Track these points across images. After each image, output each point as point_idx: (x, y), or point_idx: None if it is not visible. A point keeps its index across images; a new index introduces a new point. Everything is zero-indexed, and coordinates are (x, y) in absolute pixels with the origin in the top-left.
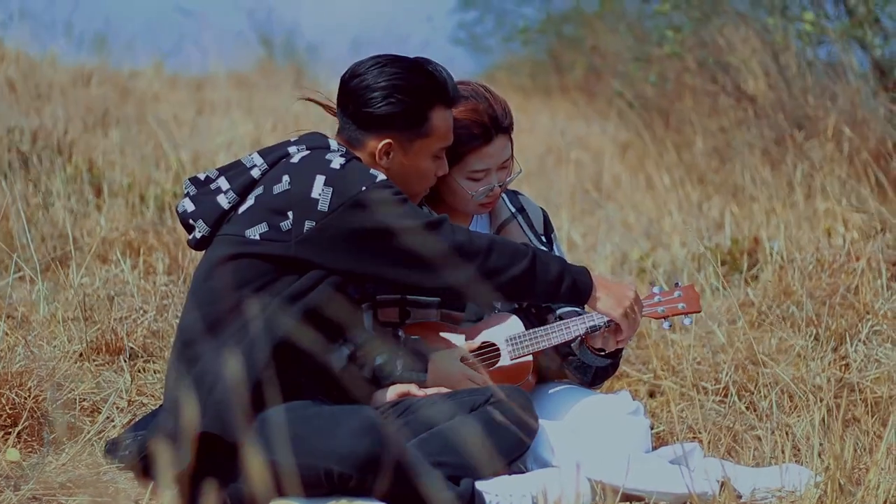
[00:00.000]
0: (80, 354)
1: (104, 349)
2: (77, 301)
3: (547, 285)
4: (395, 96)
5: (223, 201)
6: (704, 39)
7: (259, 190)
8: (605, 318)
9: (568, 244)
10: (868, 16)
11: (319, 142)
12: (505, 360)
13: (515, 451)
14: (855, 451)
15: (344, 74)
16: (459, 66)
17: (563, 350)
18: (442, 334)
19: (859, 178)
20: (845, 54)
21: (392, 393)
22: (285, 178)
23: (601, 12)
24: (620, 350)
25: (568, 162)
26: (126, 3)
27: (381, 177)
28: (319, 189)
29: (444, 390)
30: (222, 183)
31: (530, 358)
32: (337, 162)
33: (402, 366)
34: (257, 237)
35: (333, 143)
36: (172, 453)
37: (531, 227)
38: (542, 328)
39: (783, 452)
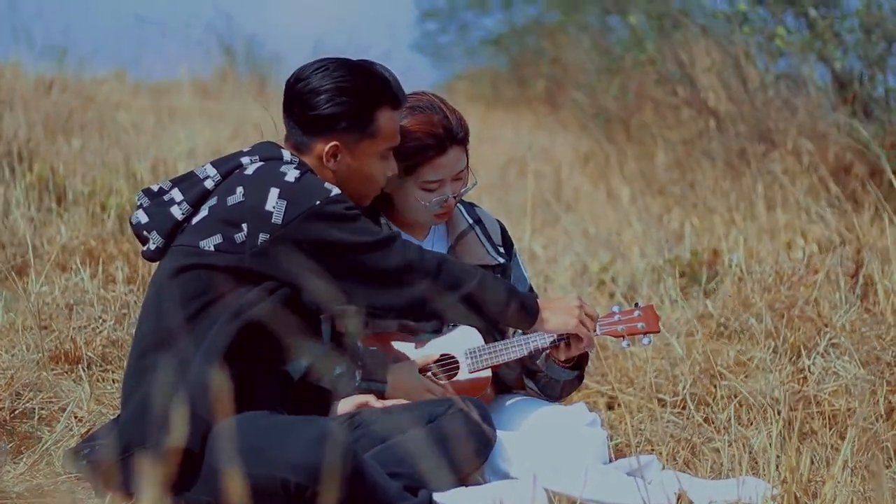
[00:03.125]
0: (39, 363)
1: (63, 358)
2: (35, 310)
3: (495, 305)
4: (340, 98)
5: (177, 212)
6: (667, 51)
7: (213, 201)
8: (564, 338)
9: (528, 255)
10: (827, 29)
11: (272, 152)
12: (464, 373)
13: (473, 463)
14: (812, 464)
15: (289, 79)
16: (421, 76)
17: (529, 367)
18: (400, 345)
19: (818, 191)
20: (806, 67)
21: (351, 403)
22: (239, 189)
23: (563, 24)
24: (586, 360)
25: (529, 173)
26: (86, 12)
27: (336, 191)
28: (274, 202)
29: (403, 401)
30: (175, 194)
31: (489, 371)
32: (292, 175)
33: (362, 376)
34: (212, 248)
35: (286, 154)
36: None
37: (489, 238)
38: (501, 342)
39: (740, 465)
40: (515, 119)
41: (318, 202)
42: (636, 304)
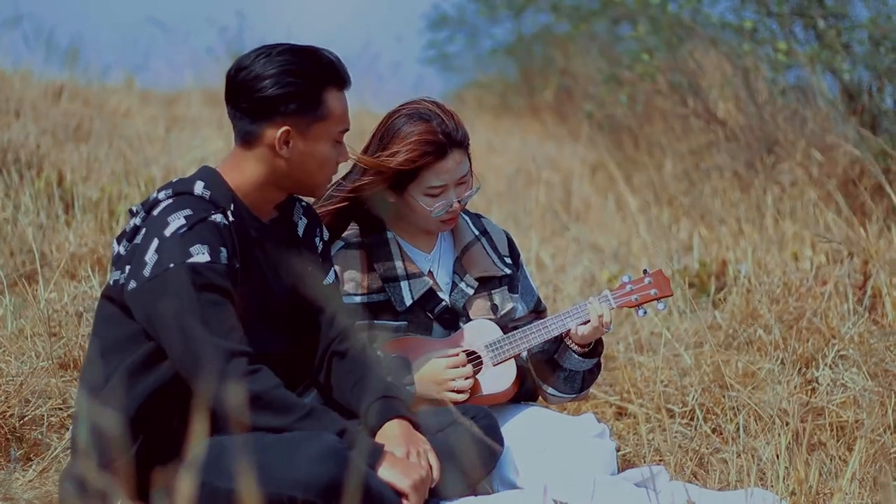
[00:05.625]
0: (48, 370)
1: (72, 365)
2: (44, 317)
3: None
4: (287, 79)
5: (122, 251)
6: (676, 62)
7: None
8: (582, 316)
9: (537, 265)
10: (836, 40)
11: (185, 186)
12: (488, 366)
13: (481, 472)
14: (820, 475)
15: (229, 71)
16: (430, 86)
17: (548, 363)
18: (420, 347)
19: (827, 202)
20: (814, 78)
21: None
22: (143, 230)
23: (572, 34)
24: (601, 347)
25: (538, 183)
26: (97, 18)
27: (198, 259)
28: (151, 253)
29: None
30: (137, 222)
31: (511, 380)
32: (173, 226)
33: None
34: (111, 283)
35: (198, 187)
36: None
37: (495, 249)
38: (519, 330)
39: (748, 476)
40: (524, 128)
41: (171, 266)
42: (645, 271)
